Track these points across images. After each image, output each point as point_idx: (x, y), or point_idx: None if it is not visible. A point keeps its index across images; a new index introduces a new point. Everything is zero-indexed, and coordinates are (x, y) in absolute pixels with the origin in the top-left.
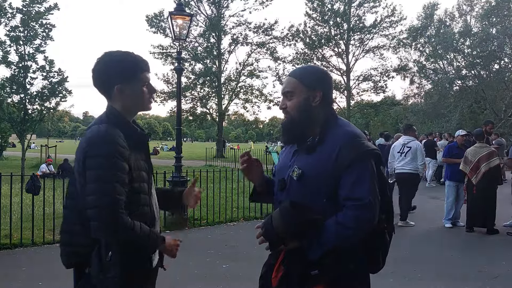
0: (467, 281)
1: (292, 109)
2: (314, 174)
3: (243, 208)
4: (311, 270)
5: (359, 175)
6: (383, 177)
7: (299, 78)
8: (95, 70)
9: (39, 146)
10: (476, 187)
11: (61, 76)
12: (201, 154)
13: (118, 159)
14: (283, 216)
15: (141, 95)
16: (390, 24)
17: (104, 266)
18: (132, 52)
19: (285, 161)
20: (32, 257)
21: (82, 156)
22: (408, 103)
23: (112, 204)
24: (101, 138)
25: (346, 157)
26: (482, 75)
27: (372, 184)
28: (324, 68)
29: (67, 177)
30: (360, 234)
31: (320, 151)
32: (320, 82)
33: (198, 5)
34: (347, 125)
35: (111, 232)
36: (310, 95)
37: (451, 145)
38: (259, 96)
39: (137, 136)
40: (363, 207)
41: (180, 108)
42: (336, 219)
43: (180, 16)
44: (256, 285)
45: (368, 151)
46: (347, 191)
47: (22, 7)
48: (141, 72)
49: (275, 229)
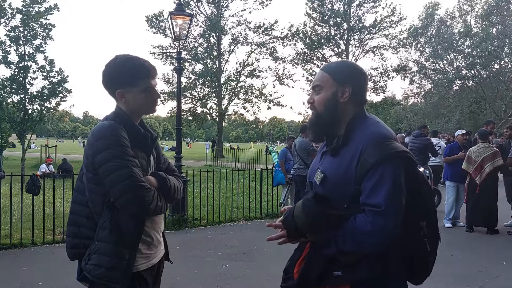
0: (467, 281)
1: (319, 103)
2: (336, 178)
3: (243, 208)
4: (335, 271)
5: (378, 179)
6: (419, 180)
7: (329, 72)
8: (102, 73)
9: (39, 146)
10: (479, 187)
11: (61, 76)
12: (201, 154)
13: (125, 147)
14: (305, 207)
15: (141, 101)
16: (390, 24)
17: (90, 255)
18: (137, 57)
19: (315, 163)
20: (32, 257)
21: (91, 151)
22: (408, 103)
23: (135, 183)
24: (106, 133)
25: (368, 160)
26: (482, 75)
27: (393, 189)
28: (358, 65)
29: (67, 177)
30: (376, 241)
31: (343, 154)
32: (351, 77)
33: (198, 5)
34: (374, 125)
35: (146, 209)
36: (338, 90)
37: (452, 145)
38: (259, 96)
39: (141, 136)
40: (377, 214)
41: (180, 108)
42: (352, 223)
43: (180, 16)
44: (256, 285)
45: (392, 154)
46: (365, 196)
47: (22, 7)
48: (141, 79)
49: (295, 219)
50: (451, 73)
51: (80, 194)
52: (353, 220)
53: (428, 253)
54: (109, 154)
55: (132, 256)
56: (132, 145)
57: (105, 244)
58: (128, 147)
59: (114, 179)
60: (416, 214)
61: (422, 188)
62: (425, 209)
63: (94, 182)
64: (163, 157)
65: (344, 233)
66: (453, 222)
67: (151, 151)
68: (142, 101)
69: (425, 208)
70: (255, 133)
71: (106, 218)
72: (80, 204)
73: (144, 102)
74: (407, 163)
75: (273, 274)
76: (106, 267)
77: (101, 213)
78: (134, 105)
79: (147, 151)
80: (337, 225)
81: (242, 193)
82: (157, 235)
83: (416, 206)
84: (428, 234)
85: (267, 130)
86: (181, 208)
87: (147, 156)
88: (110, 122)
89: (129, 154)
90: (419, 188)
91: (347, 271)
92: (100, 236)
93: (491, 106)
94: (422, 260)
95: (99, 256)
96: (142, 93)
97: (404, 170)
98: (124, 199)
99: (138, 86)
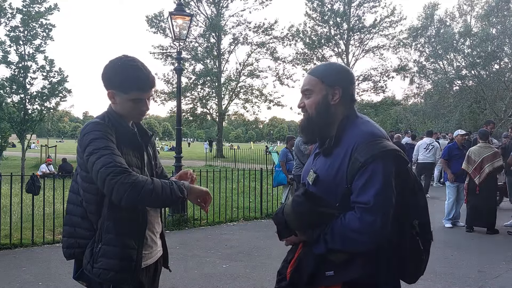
0: (467, 281)
1: (310, 107)
2: (328, 178)
3: (243, 208)
4: (327, 270)
5: (369, 178)
6: (411, 179)
7: (318, 75)
8: (104, 66)
9: (39, 146)
10: (479, 187)
11: (61, 76)
12: (201, 154)
13: (110, 140)
14: (294, 204)
15: (127, 108)
16: (390, 24)
17: (94, 257)
18: (140, 66)
19: (308, 165)
20: (32, 257)
21: (80, 149)
22: (408, 103)
23: (117, 167)
24: (89, 128)
25: (359, 159)
26: (482, 75)
27: (383, 187)
28: (344, 65)
29: (67, 177)
30: (364, 238)
31: (335, 154)
32: (340, 78)
33: (198, 5)
34: (365, 125)
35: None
36: (329, 93)
37: (451, 146)
38: (259, 96)
39: (130, 134)
40: (365, 210)
41: (180, 108)
42: (342, 220)
43: (180, 16)
44: (256, 285)
45: (383, 152)
46: (355, 195)
47: (22, 7)
48: (133, 90)
49: (285, 216)
50: (451, 73)
51: (74, 194)
52: (342, 218)
53: (421, 251)
54: (92, 146)
55: (139, 256)
56: (122, 143)
57: (112, 248)
58: (112, 141)
59: (98, 168)
60: (408, 213)
61: (413, 186)
62: (417, 208)
63: (88, 181)
64: (159, 162)
65: (333, 230)
66: (453, 222)
67: (143, 149)
68: (129, 108)
69: (418, 206)
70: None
71: (109, 222)
72: (74, 204)
73: (130, 110)
74: (398, 161)
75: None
76: (115, 271)
77: (95, 212)
78: (121, 109)
79: (139, 149)
80: (327, 223)
81: (242, 193)
82: (152, 235)
83: (408, 205)
84: (421, 233)
85: (267, 130)
86: (181, 208)
87: (139, 154)
88: (96, 120)
89: (112, 146)
90: (410, 186)
91: (339, 271)
92: (105, 240)
93: (491, 106)
94: (415, 259)
95: (108, 260)
96: (130, 101)
97: (395, 168)
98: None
99: (128, 94)
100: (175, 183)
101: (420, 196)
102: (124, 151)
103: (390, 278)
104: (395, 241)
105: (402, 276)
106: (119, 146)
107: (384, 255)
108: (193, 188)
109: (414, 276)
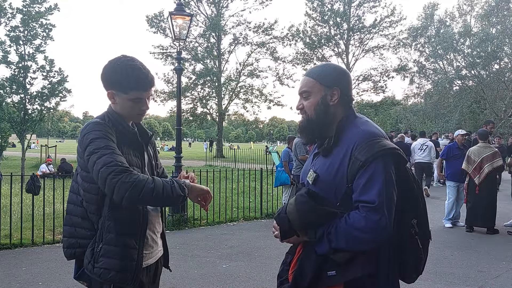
0: (467, 281)
1: (309, 108)
2: (328, 177)
3: (243, 208)
4: (329, 271)
5: (370, 177)
6: (410, 177)
7: (315, 77)
8: (103, 67)
9: (39, 146)
10: (478, 187)
11: (61, 76)
12: (201, 154)
13: (110, 140)
14: (297, 202)
15: (127, 108)
16: (390, 24)
17: (95, 257)
18: (139, 66)
19: (307, 165)
20: (32, 257)
21: (80, 149)
22: (408, 103)
23: (118, 166)
24: (89, 128)
25: (359, 158)
26: (482, 75)
27: (385, 185)
28: (341, 66)
29: (66, 177)
30: (370, 237)
31: (334, 154)
32: (338, 79)
33: (198, 5)
34: (364, 124)
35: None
36: (327, 94)
37: (451, 146)
38: (259, 96)
39: (130, 134)
40: (371, 210)
41: (180, 108)
42: (346, 219)
43: (180, 16)
44: (256, 285)
45: (382, 151)
46: (358, 194)
47: (22, 7)
48: (133, 89)
49: (288, 214)
50: (451, 73)
51: (74, 194)
52: (346, 217)
53: (419, 251)
54: (93, 146)
55: (140, 256)
56: (122, 143)
57: (113, 248)
58: (113, 140)
59: (99, 168)
60: (407, 212)
61: (412, 185)
62: (416, 207)
63: (88, 180)
64: (159, 162)
65: (337, 229)
66: (453, 222)
67: (144, 148)
68: (128, 108)
69: (416, 205)
70: (255, 133)
71: (110, 222)
72: (74, 204)
73: (130, 110)
74: (398, 160)
75: (273, 274)
76: (116, 270)
77: (96, 211)
78: (120, 109)
79: (139, 149)
80: (330, 222)
81: (242, 193)
82: (152, 235)
83: (407, 204)
84: (419, 232)
85: (267, 130)
86: (181, 208)
87: (140, 154)
88: (96, 120)
89: (112, 145)
90: (409, 185)
91: (340, 271)
92: (106, 240)
93: (491, 106)
94: (414, 258)
95: (109, 260)
96: (130, 101)
97: (394, 167)
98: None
99: (127, 94)
100: (176, 182)
101: (418, 195)
102: (124, 151)
103: (390, 278)
104: (394, 240)
105: (401, 275)
106: (119, 146)
107: (384, 255)
108: (193, 187)
109: (413, 276)
